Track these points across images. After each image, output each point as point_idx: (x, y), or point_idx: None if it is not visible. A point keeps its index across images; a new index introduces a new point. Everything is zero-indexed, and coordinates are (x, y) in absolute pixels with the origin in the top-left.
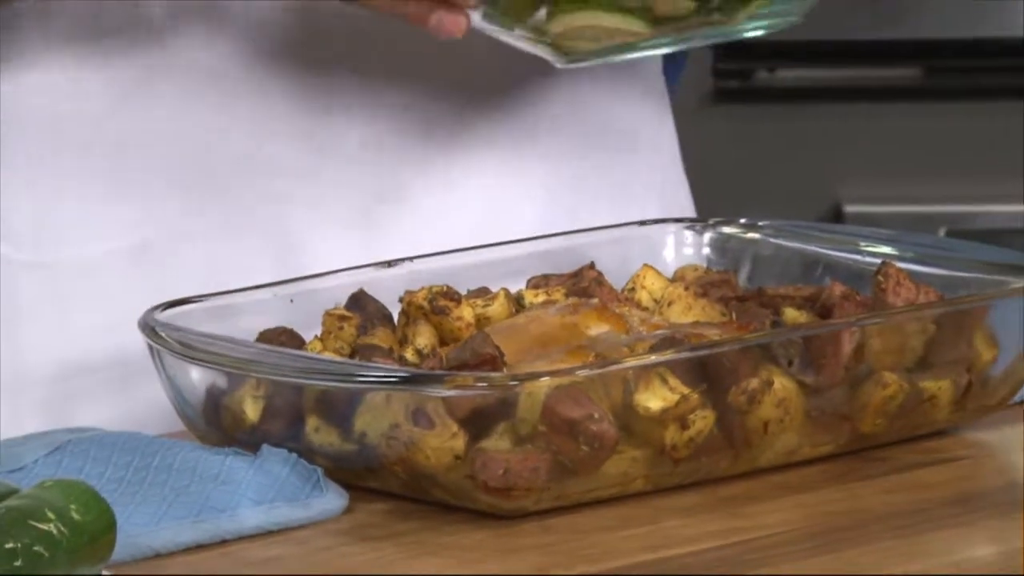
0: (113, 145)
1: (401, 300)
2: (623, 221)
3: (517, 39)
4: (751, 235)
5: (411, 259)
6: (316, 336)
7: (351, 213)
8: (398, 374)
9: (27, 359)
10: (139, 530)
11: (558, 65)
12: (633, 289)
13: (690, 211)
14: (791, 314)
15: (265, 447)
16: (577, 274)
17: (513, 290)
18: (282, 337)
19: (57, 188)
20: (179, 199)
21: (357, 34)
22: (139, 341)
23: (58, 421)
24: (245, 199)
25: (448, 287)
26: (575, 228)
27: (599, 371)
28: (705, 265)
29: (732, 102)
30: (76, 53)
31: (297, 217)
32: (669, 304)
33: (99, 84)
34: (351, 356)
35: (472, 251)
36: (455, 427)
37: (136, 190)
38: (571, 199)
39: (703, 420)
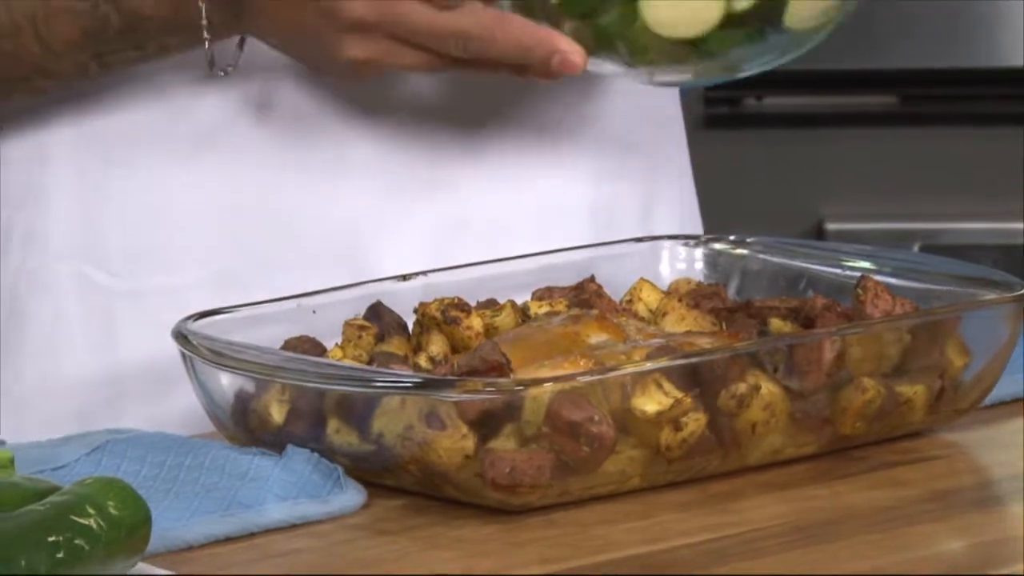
0: (198, 184)
1: (416, 311)
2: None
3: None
4: (740, 251)
5: (424, 273)
6: (337, 344)
7: (418, 239)
8: (412, 379)
9: (123, 375)
10: (172, 524)
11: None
12: (631, 301)
13: (699, 224)
14: (777, 324)
15: (289, 447)
16: (579, 287)
17: (519, 302)
18: (305, 345)
19: (150, 220)
20: (262, 231)
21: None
22: None
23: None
24: (322, 229)
25: (459, 299)
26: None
27: (599, 377)
28: (697, 279)
29: (722, 127)
30: (166, 99)
31: (368, 245)
32: (664, 315)
33: (187, 129)
34: (369, 363)
35: (481, 265)
36: (465, 429)
37: (223, 220)
38: (606, 216)
39: (695, 422)
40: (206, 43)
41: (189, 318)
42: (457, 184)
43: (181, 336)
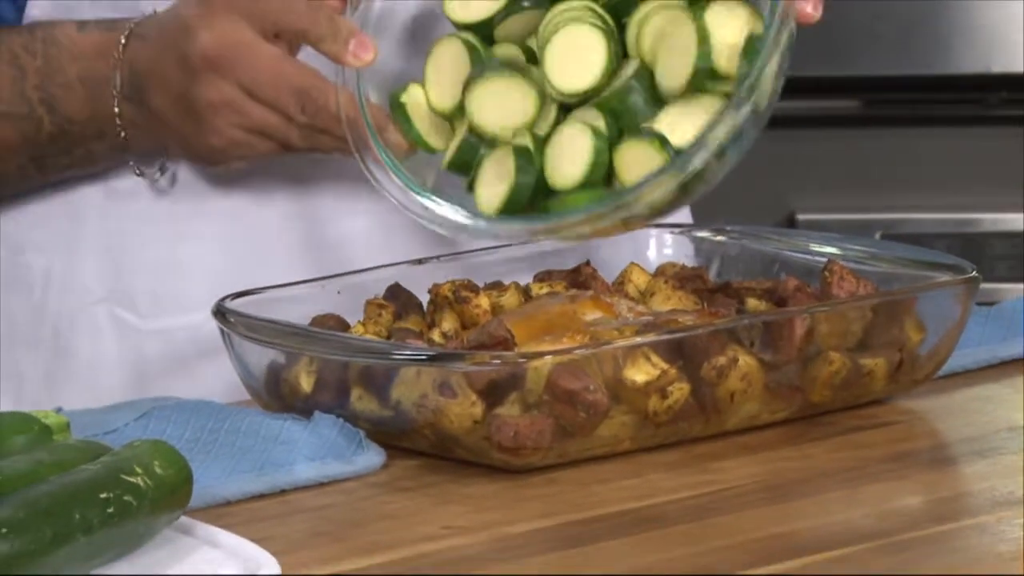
0: (222, 237)
1: (429, 291)
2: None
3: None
4: (720, 238)
5: (438, 258)
6: (359, 321)
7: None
8: (427, 353)
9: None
10: (211, 482)
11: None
12: (622, 282)
13: (688, 214)
14: (753, 303)
15: (317, 413)
16: (576, 270)
17: (522, 283)
18: (331, 322)
19: (169, 267)
20: (266, 271)
21: None
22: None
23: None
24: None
25: (469, 280)
26: None
27: (594, 350)
28: (682, 263)
29: None
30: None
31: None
32: (652, 295)
33: (202, 187)
34: (388, 338)
35: (488, 250)
36: (474, 397)
37: (231, 263)
38: None
39: (679, 391)
40: (125, 146)
41: (227, 297)
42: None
43: (220, 314)
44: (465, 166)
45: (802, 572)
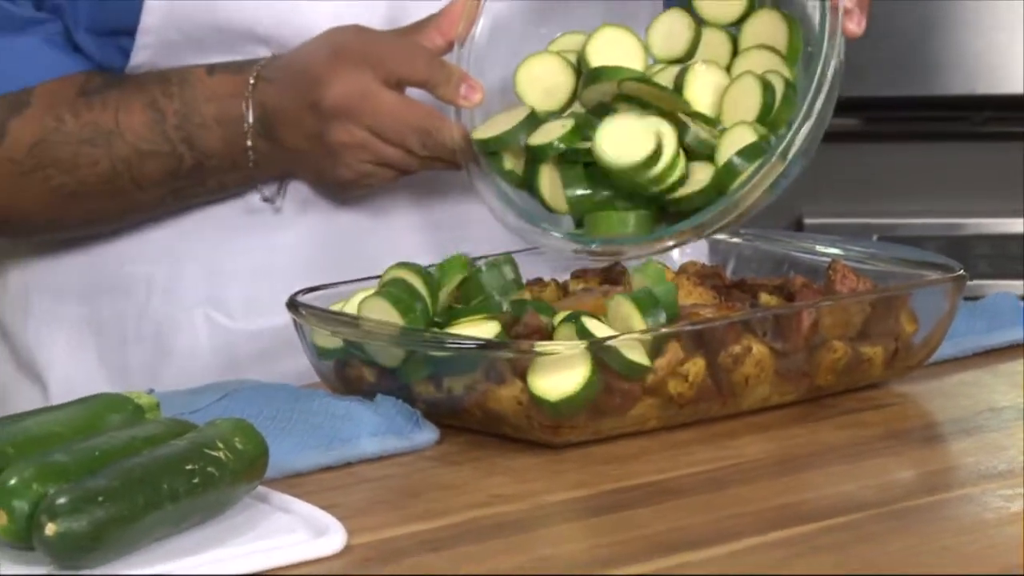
0: (307, 247)
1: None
2: None
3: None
4: (735, 239)
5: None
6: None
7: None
8: (476, 342)
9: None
10: (285, 455)
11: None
12: None
13: None
14: (765, 298)
15: (379, 395)
16: (608, 268)
17: (561, 280)
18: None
19: (259, 273)
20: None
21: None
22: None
23: None
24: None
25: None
26: None
27: (625, 339)
28: (702, 261)
29: None
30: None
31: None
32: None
33: (288, 201)
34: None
35: (531, 251)
36: (518, 381)
37: (315, 270)
38: None
39: (695, 365)
40: (255, 175)
41: (299, 292)
42: (468, 211)
43: (293, 306)
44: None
45: (809, 537)
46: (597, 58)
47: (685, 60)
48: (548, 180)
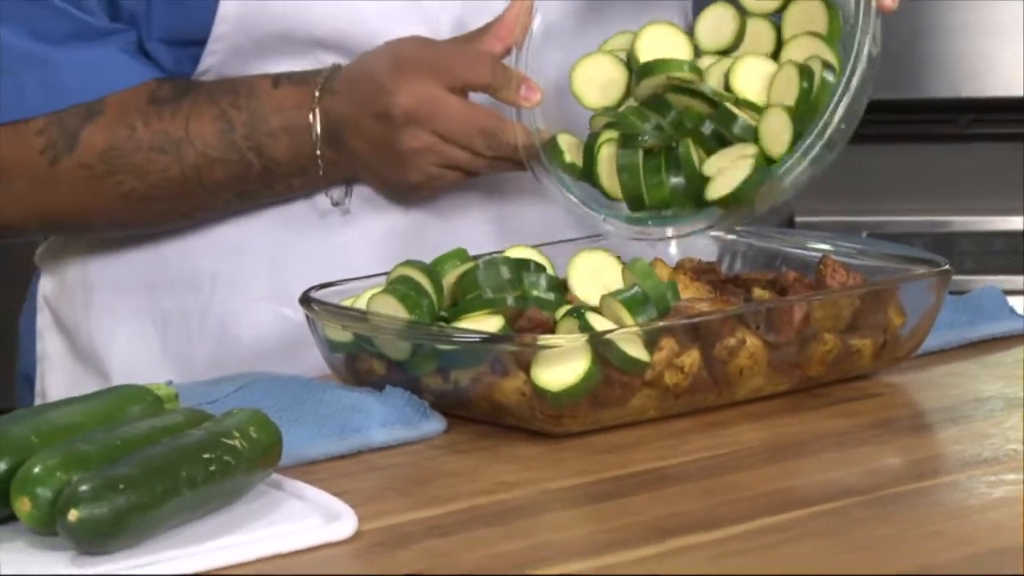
0: (365, 243)
1: None
2: None
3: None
4: (731, 236)
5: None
6: None
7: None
8: (481, 336)
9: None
10: (299, 444)
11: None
12: None
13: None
14: (758, 292)
15: (388, 387)
16: None
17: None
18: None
19: (321, 268)
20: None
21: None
22: None
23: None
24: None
25: None
26: None
27: (625, 332)
28: (698, 257)
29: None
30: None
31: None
32: None
33: (363, 217)
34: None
35: (536, 247)
36: (521, 373)
37: (374, 262)
38: None
39: (691, 360)
40: (322, 180)
41: (312, 288)
42: (521, 207)
43: (306, 302)
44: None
45: (800, 522)
46: (646, 54)
47: (732, 50)
48: (606, 170)
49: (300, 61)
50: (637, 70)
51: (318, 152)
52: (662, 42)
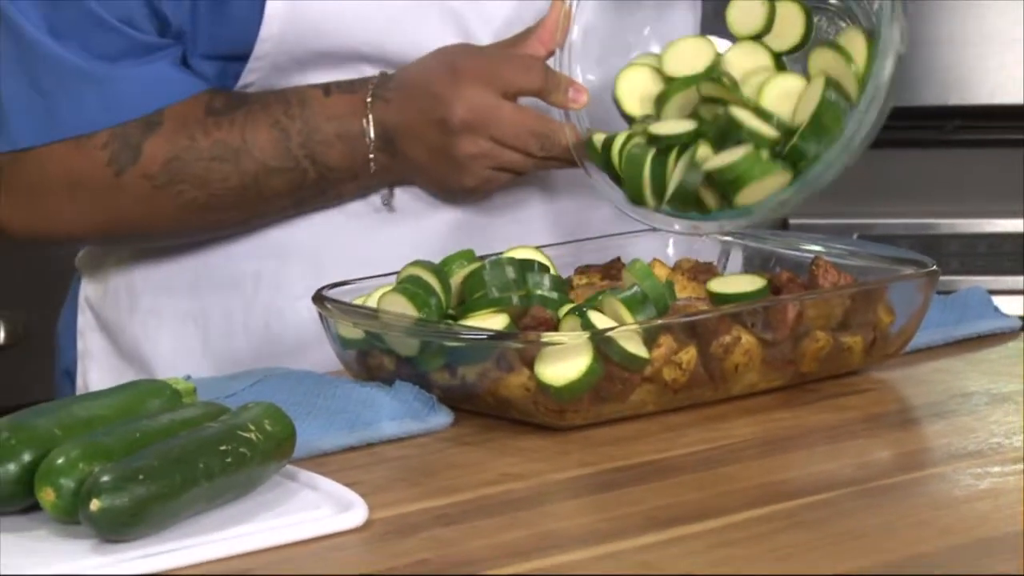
0: (405, 242)
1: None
2: None
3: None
4: (727, 238)
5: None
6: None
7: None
8: (487, 333)
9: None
10: (311, 437)
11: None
12: None
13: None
14: None
15: (398, 382)
16: (610, 264)
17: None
18: None
19: (360, 265)
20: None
21: None
22: None
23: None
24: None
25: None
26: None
27: (625, 330)
28: (696, 258)
29: None
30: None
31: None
32: (671, 285)
33: (400, 216)
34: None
35: (539, 248)
36: (526, 369)
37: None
38: None
39: (688, 356)
40: (381, 186)
41: (324, 287)
42: (531, 211)
43: (319, 300)
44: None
45: (793, 512)
46: (674, 68)
47: (763, 34)
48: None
49: (340, 71)
50: (662, 91)
51: (372, 156)
52: (688, 55)
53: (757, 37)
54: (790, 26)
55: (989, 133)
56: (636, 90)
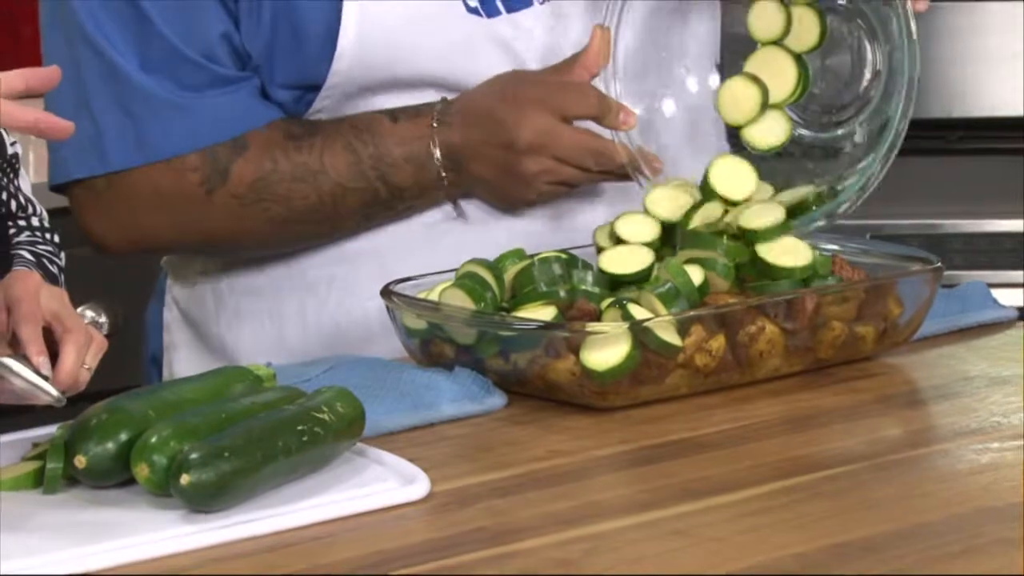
0: (467, 245)
1: None
2: None
3: None
4: None
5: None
6: None
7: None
8: (538, 323)
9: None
10: (379, 418)
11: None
12: None
13: None
14: None
15: (457, 368)
16: None
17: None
18: None
19: (423, 266)
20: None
21: None
22: None
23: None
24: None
25: None
26: None
27: (660, 320)
28: None
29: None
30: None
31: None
32: None
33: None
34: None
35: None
36: (572, 355)
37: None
38: None
39: (717, 344)
40: (446, 200)
41: (391, 283)
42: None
43: (387, 294)
44: None
45: (813, 484)
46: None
47: (783, 38)
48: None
49: (403, 97)
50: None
51: (443, 174)
52: (730, 175)
53: (777, 41)
54: (807, 29)
55: (989, 142)
56: (665, 201)
